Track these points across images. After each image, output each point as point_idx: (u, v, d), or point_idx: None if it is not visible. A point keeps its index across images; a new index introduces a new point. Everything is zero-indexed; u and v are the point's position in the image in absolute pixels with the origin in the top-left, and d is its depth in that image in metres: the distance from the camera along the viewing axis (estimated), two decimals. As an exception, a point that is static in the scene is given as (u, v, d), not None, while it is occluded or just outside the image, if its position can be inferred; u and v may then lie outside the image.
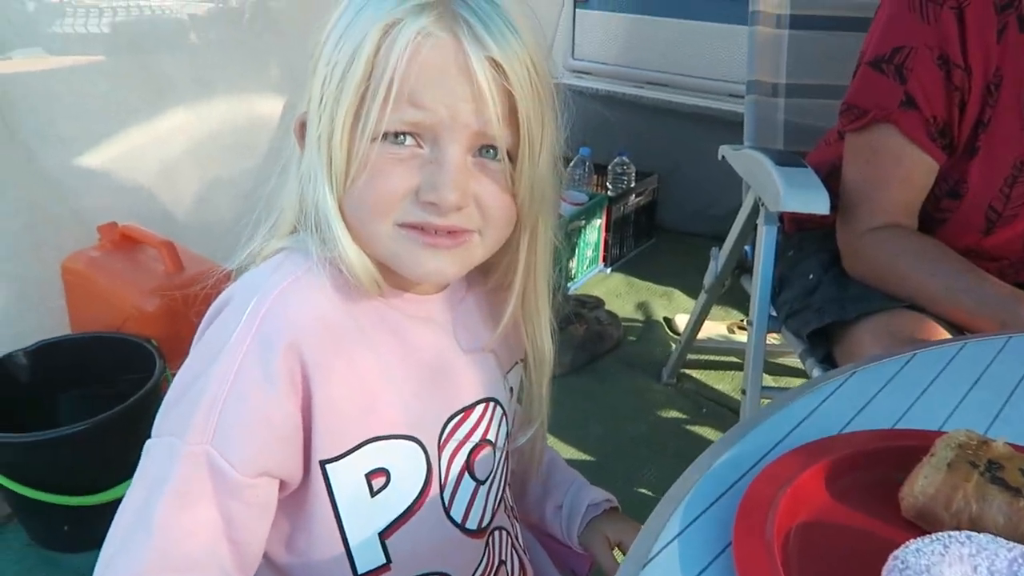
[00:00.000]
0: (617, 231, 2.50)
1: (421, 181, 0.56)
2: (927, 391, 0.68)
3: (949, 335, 0.99)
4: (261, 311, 0.56)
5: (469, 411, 0.67)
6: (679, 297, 2.36)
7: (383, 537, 0.62)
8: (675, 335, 2.15)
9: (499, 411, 0.70)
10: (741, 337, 2.09)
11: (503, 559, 0.74)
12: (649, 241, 2.70)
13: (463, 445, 0.66)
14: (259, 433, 0.56)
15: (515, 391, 0.74)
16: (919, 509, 0.51)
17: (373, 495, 0.61)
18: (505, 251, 0.64)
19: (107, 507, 1.30)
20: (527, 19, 0.58)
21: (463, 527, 0.67)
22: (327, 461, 0.59)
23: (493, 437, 0.69)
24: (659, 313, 2.29)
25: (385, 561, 0.63)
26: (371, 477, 0.61)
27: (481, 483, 0.68)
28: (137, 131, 1.88)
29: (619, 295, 2.38)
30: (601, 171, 2.57)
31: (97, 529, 0.59)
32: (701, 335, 1.91)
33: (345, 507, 0.61)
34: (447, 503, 0.65)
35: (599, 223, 2.42)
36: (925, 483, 0.50)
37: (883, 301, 1.06)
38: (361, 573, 0.63)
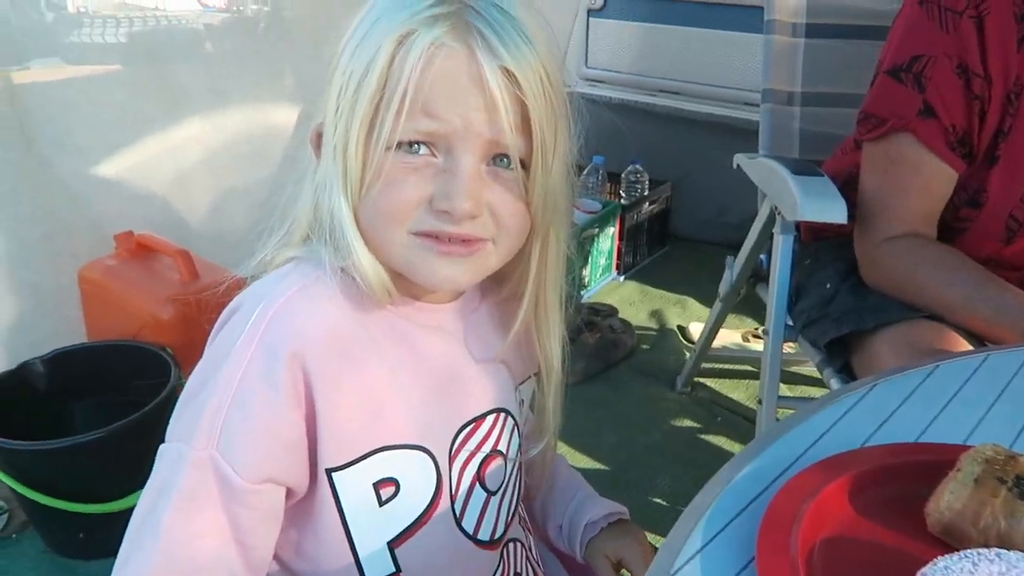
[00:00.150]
0: (630, 239, 2.49)
1: (435, 190, 0.56)
2: (950, 404, 0.67)
3: (969, 345, 0.98)
4: (265, 319, 0.56)
5: (480, 421, 0.66)
6: (693, 305, 2.36)
7: (393, 546, 0.62)
8: (689, 343, 2.14)
9: (510, 422, 0.69)
10: (756, 346, 2.08)
11: (518, 571, 0.74)
12: (662, 249, 2.69)
13: (474, 456, 0.66)
14: (262, 440, 0.56)
15: (527, 403, 0.73)
16: (945, 525, 0.50)
17: (381, 504, 0.61)
18: (518, 260, 0.64)
19: (122, 515, 1.30)
20: (540, 29, 0.58)
21: (475, 538, 0.67)
22: (333, 469, 0.59)
23: (504, 448, 0.69)
24: (673, 321, 2.28)
25: (395, 570, 0.63)
26: (379, 486, 0.60)
27: (492, 494, 0.68)
28: (153, 140, 1.89)
29: (632, 303, 2.37)
30: (614, 179, 2.56)
31: (112, 536, 0.59)
32: (716, 343, 1.90)
33: (352, 516, 0.60)
34: (458, 514, 0.65)
35: (612, 231, 2.42)
36: (952, 498, 0.49)
37: (902, 311, 1.05)
38: None
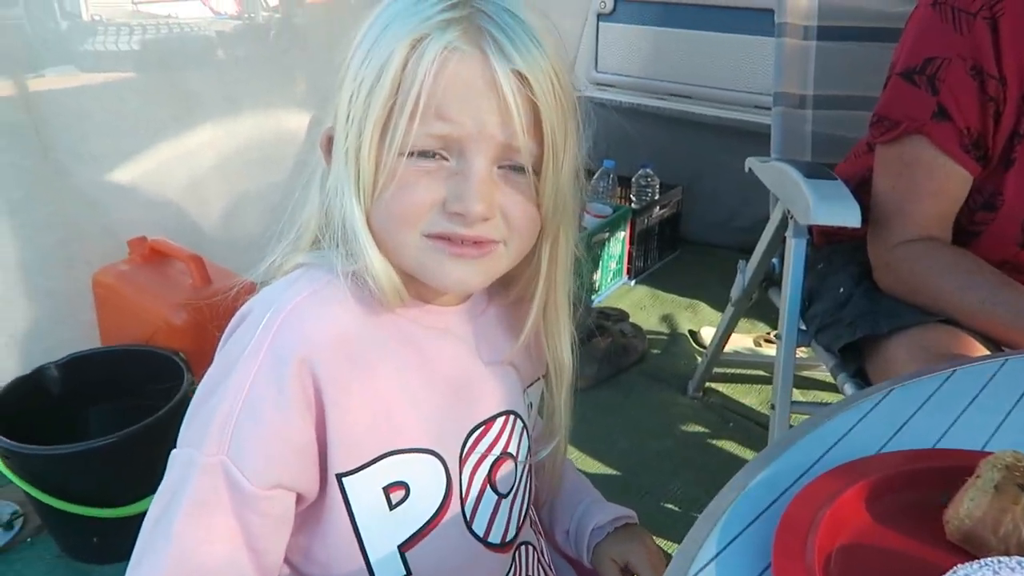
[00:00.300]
0: (641, 243, 2.49)
1: (447, 192, 0.57)
2: (967, 410, 0.66)
3: (986, 350, 0.97)
4: (274, 325, 0.57)
5: (489, 424, 0.66)
6: (704, 309, 2.35)
7: (403, 550, 0.62)
8: (700, 348, 2.14)
9: (519, 425, 0.69)
10: (768, 350, 2.06)
11: (529, 574, 0.74)
12: (673, 253, 2.68)
13: (484, 458, 0.66)
14: (272, 446, 0.56)
15: (535, 406, 0.73)
16: (965, 532, 0.50)
17: (392, 508, 0.61)
18: (527, 262, 0.64)
19: (136, 519, 1.29)
20: (549, 32, 0.58)
21: (486, 541, 0.67)
22: (343, 474, 0.59)
23: (514, 451, 0.69)
24: (684, 326, 2.27)
25: (405, 573, 0.63)
26: (389, 491, 0.61)
27: (503, 497, 0.68)
28: (166, 147, 1.91)
29: (643, 307, 2.36)
30: (625, 183, 2.56)
31: (126, 541, 0.60)
32: (727, 348, 1.89)
33: (363, 520, 0.61)
34: (469, 517, 0.65)
35: (623, 235, 2.42)
36: (971, 505, 0.49)
37: (916, 315, 1.04)
38: None
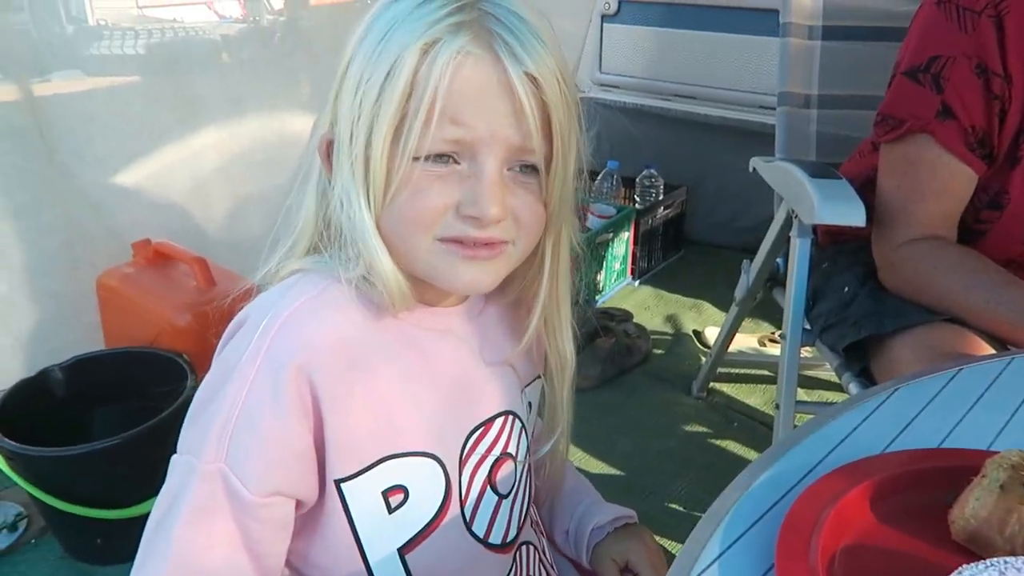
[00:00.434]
0: (645, 244, 2.48)
1: (462, 196, 0.56)
2: (973, 409, 0.66)
3: (991, 349, 0.97)
4: (271, 333, 0.56)
5: (489, 424, 0.66)
6: (708, 309, 2.34)
7: (403, 553, 0.62)
8: (704, 348, 2.13)
9: (518, 425, 0.69)
10: (772, 350, 2.06)
11: (530, 574, 0.74)
12: (677, 254, 2.68)
13: (484, 459, 0.66)
14: (270, 454, 0.56)
15: (534, 406, 0.73)
16: (971, 532, 0.49)
17: (391, 512, 0.61)
18: (528, 261, 0.64)
19: (139, 520, 1.29)
20: (549, 31, 0.58)
21: (486, 542, 0.66)
22: (342, 480, 0.59)
23: (514, 451, 0.69)
24: (688, 326, 2.26)
25: None
26: (388, 494, 0.60)
27: (504, 497, 0.68)
28: (170, 149, 1.91)
29: (647, 308, 2.36)
30: (629, 184, 2.56)
31: (130, 542, 0.60)
32: (731, 348, 1.88)
33: (362, 524, 0.60)
34: (468, 518, 0.65)
35: (627, 236, 2.41)
36: (977, 505, 0.49)
37: (921, 314, 1.04)
38: None
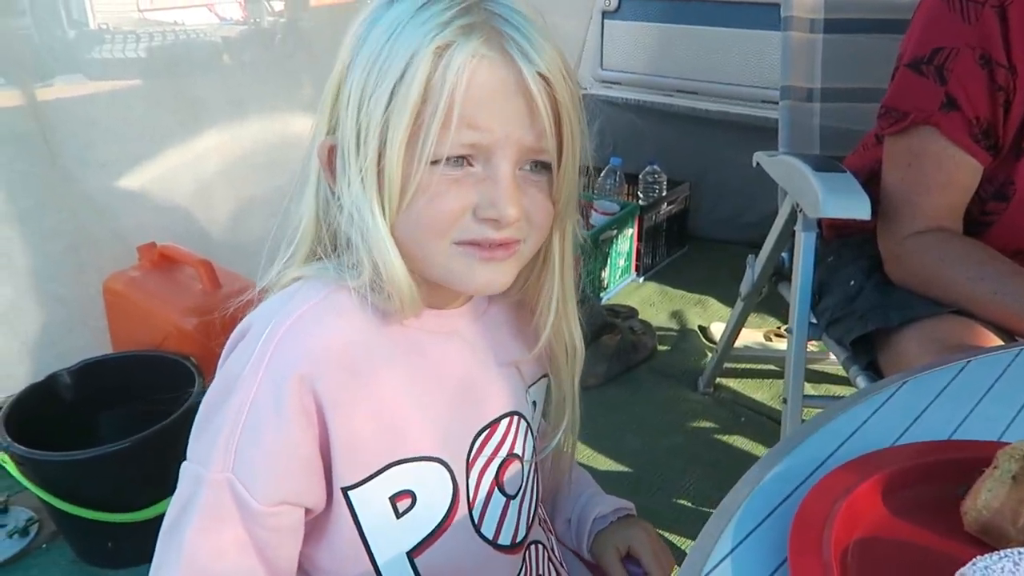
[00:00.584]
0: (649, 240, 2.48)
1: (478, 199, 0.56)
2: (983, 400, 0.66)
3: (999, 340, 0.96)
4: (273, 342, 0.56)
5: (495, 426, 0.66)
6: (713, 305, 2.34)
7: (412, 556, 0.62)
8: (710, 344, 2.13)
9: (524, 425, 0.69)
10: (778, 345, 2.06)
11: (540, 573, 0.74)
12: (681, 250, 2.68)
13: (492, 461, 0.66)
14: (276, 464, 0.56)
15: (539, 405, 0.73)
16: (983, 524, 0.49)
17: (399, 517, 0.61)
18: (533, 258, 0.64)
19: (149, 523, 1.32)
20: (548, 27, 0.58)
21: (495, 543, 0.66)
22: (349, 488, 0.59)
23: (520, 451, 0.68)
24: (693, 322, 2.26)
25: None
26: (396, 500, 0.60)
27: (512, 498, 0.68)
28: (173, 152, 1.92)
29: (652, 304, 2.36)
30: (632, 180, 2.55)
31: (140, 545, 0.60)
32: (737, 343, 1.88)
33: (370, 530, 0.60)
34: (477, 520, 0.65)
35: (631, 232, 2.41)
36: (989, 496, 0.49)
37: (928, 307, 1.04)
38: None
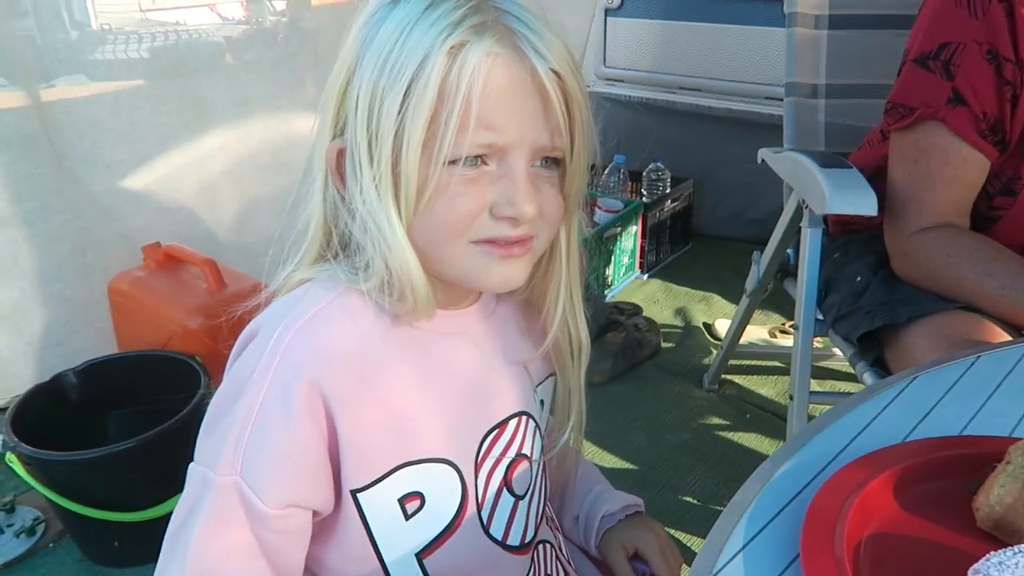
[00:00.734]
0: (653, 237, 2.48)
1: (495, 197, 0.56)
2: (993, 396, 0.66)
3: (1007, 336, 0.96)
4: (281, 346, 0.56)
5: (503, 426, 0.66)
6: (718, 302, 2.34)
7: (421, 557, 0.62)
8: (715, 341, 2.12)
9: (532, 425, 0.69)
10: (783, 341, 2.05)
11: (548, 572, 0.73)
12: (686, 247, 2.67)
13: (500, 461, 0.65)
14: (284, 468, 0.56)
15: (546, 404, 0.73)
16: (996, 520, 0.49)
17: (408, 518, 0.61)
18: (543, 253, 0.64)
19: (156, 523, 1.32)
20: (552, 22, 0.58)
21: (505, 544, 0.66)
22: (358, 490, 0.59)
23: (529, 451, 0.68)
24: (698, 319, 2.26)
25: None
26: (404, 501, 0.60)
27: (520, 498, 0.68)
28: (178, 153, 1.92)
29: (657, 301, 2.36)
30: (636, 178, 2.55)
31: (147, 544, 0.60)
32: (742, 340, 1.88)
33: (379, 531, 0.60)
34: (485, 521, 0.65)
35: (635, 230, 2.41)
36: (1002, 492, 0.48)
37: (935, 303, 1.04)
38: None
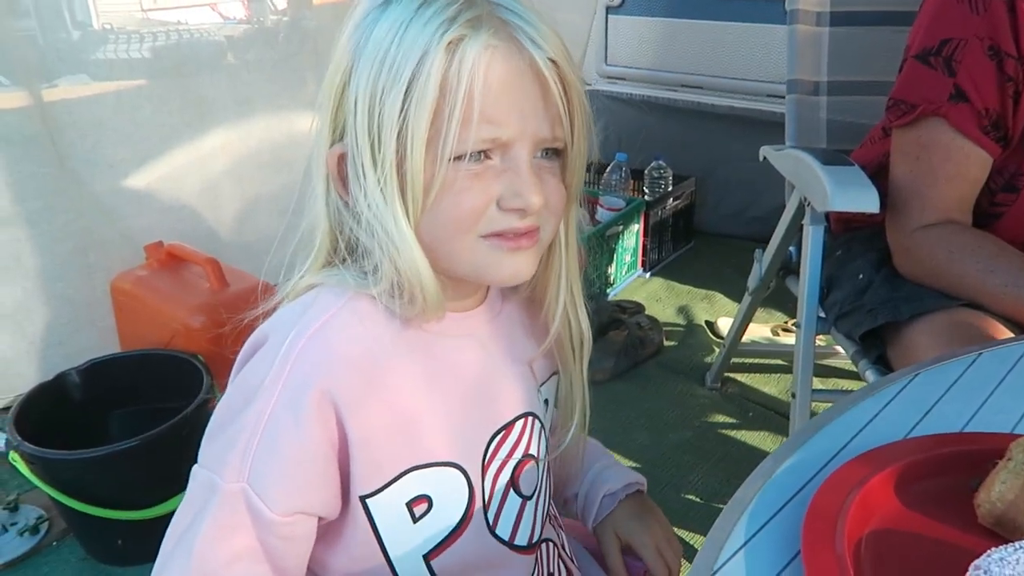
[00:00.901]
0: (655, 235, 2.48)
1: (502, 190, 0.56)
2: (994, 393, 0.66)
3: (1010, 333, 0.96)
4: (293, 354, 0.56)
5: (510, 428, 0.66)
6: (720, 300, 2.33)
7: (428, 559, 0.62)
8: (717, 339, 2.12)
9: (538, 425, 0.69)
10: (786, 339, 2.05)
11: (551, 571, 0.73)
12: (688, 245, 2.67)
13: (507, 462, 0.65)
14: (293, 476, 0.56)
15: (551, 403, 0.73)
16: (998, 516, 0.49)
17: (415, 521, 0.61)
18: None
19: (159, 521, 1.32)
20: (543, 13, 0.58)
21: (512, 544, 0.66)
22: (367, 496, 0.59)
23: (535, 452, 0.68)
24: (700, 317, 2.26)
25: None
26: (412, 505, 0.60)
27: (528, 499, 0.68)
28: (179, 152, 1.92)
29: (659, 300, 2.35)
30: (638, 176, 2.55)
31: (150, 543, 0.60)
32: (744, 338, 1.88)
33: (387, 535, 0.60)
34: (492, 522, 0.65)
35: (637, 228, 2.41)
36: (1003, 488, 0.48)
37: (938, 300, 1.03)
38: None
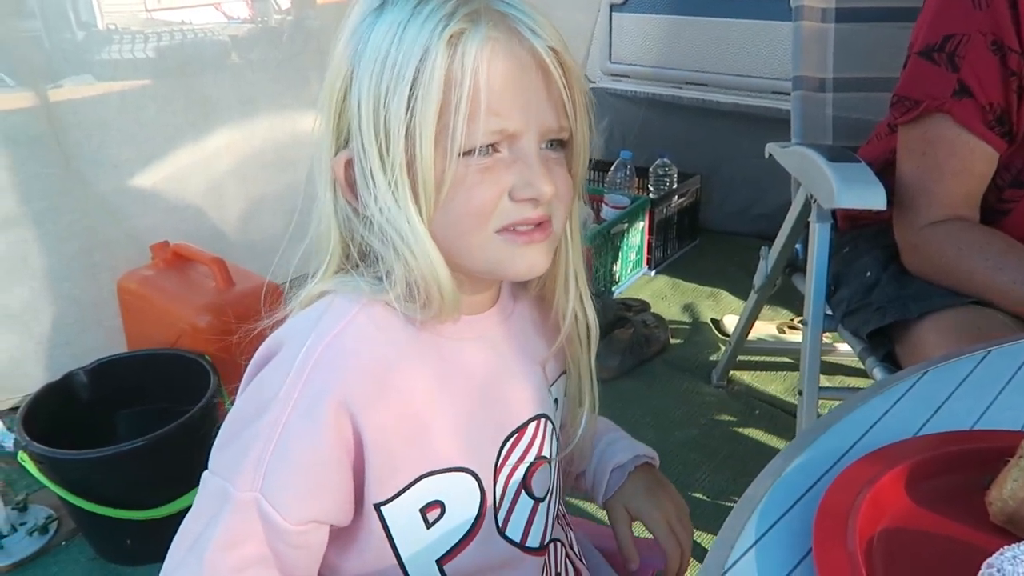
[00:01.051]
0: (660, 233, 2.48)
1: (513, 181, 0.56)
2: (1005, 390, 0.65)
3: (1019, 330, 0.96)
4: (309, 363, 0.55)
5: (522, 431, 0.66)
6: (726, 298, 2.33)
7: (441, 563, 0.62)
8: (723, 336, 2.12)
9: (550, 427, 0.68)
10: (792, 337, 2.05)
11: (559, 571, 0.73)
12: (693, 242, 2.67)
13: (519, 465, 0.65)
14: (306, 484, 0.56)
15: (560, 403, 0.72)
16: (1010, 514, 0.49)
17: (429, 527, 0.61)
18: None
19: (168, 520, 1.33)
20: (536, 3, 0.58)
21: (524, 546, 0.66)
22: (382, 503, 0.59)
23: (548, 453, 0.68)
24: (706, 315, 2.26)
25: None
26: (426, 511, 0.60)
27: (540, 501, 0.67)
28: (184, 152, 1.93)
29: (664, 297, 2.35)
30: (642, 174, 2.55)
31: (159, 542, 0.60)
32: (750, 335, 1.88)
33: (400, 541, 0.60)
34: (502, 524, 0.65)
35: (642, 226, 2.41)
36: (1015, 486, 0.48)
37: (946, 297, 1.03)
38: None
